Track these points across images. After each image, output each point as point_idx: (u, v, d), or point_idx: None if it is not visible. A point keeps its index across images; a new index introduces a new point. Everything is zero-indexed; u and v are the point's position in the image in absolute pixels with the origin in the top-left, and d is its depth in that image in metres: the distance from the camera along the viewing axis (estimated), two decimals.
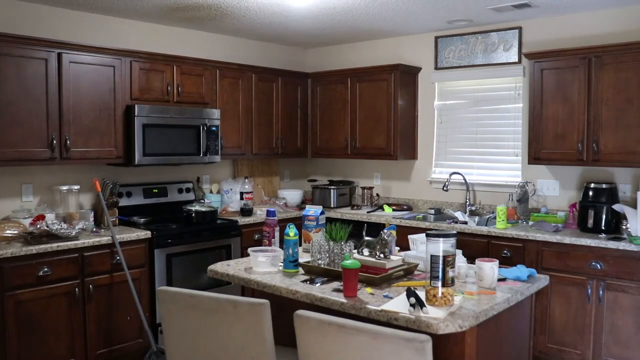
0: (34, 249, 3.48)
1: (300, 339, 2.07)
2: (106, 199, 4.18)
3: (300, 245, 3.14)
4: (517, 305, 2.47)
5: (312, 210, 3.28)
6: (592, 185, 4.09)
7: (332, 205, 5.37)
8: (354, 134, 5.30)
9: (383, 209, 5.14)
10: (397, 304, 2.23)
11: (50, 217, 3.82)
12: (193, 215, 4.49)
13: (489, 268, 2.47)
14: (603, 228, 3.94)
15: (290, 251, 2.79)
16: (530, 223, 4.33)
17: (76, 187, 4.14)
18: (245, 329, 2.15)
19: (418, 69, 5.23)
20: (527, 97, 4.45)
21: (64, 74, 3.86)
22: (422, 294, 2.23)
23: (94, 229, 4.03)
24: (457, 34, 4.96)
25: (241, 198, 4.97)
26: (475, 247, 4.16)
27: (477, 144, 4.98)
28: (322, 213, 3.28)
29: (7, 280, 3.38)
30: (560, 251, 3.86)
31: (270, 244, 3.13)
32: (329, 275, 2.66)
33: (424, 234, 2.44)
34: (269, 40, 5.58)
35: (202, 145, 4.58)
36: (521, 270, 2.65)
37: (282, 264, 2.85)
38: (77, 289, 3.68)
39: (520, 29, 4.63)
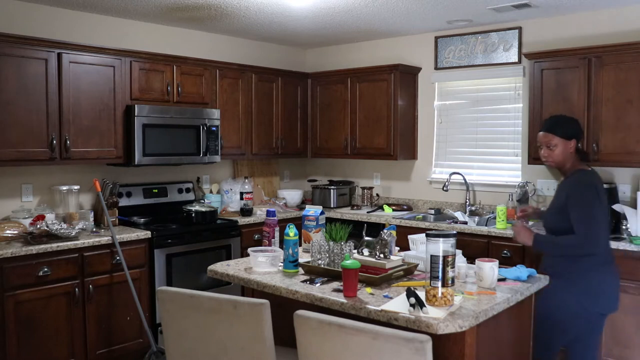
0: (34, 249, 3.48)
1: (300, 339, 2.07)
2: (106, 199, 4.18)
3: (300, 245, 3.14)
4: (517, 305, 2.47)
5: (312, 210, 3.28)
6: None
7: (332, 205, 5.37)
8: (354, 134, 5.30)
9: (383, 209, 5.14)
10: (397, 304, 2.23)
11: (50, 217, 3.82)
12: (193, 215, 4.49)
13: (489, 268, 2.47)
14: None
15: (290, 251, 2.79)
16: (530, 223, 4.32)
17: (76, 187, 4.14)
18: (245, 329, 2.15)
19: (418, 69, 5.23)
20: (527, 97, 4.45)
21: (64, 74, 3.86)
22: (422, 294, 2.23)
23: (94, 229, 4.03)
24: (457, 34, 4.97)
25: (241, 198, 4.97)
26: (475, 247, 4.16)
27: (477, 144, 4.98)
28: (322, 213, 3.28)
29: (7, 280, 3.38)
30: None
31: (270, 244, 3.13)
32: (329, 275, 2.66)
33: (424, 234, 2.44)
34: (269, 40, 5.58)
35: (202, 145, 4.58)
36: (521, 271, 2.65)
37: (282, 264, 2.85)
38: (77, 289, 3.68)
39: (520, 29, 4.63)
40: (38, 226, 3.62)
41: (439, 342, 2.17)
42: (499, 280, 2.58)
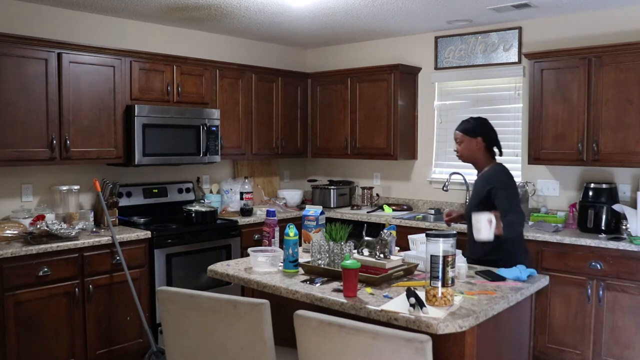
0: (34, 249, 3.48)
1: (300, 339, 2.07)
2: (106, 199, 4.18)
3: (300, 245, 3.14)
4: (517, 305, 2.47)
5: (312, 210, 3.28)
6: (592, 185, 4.09)
7: (332, 205, 5.37)
8: (354, 134, 5.30)
9: (383, 209, 5.14)
10: (397, 304, 2.23)
11: (50, 217, 3.82)
12: (193, 215, 4.49)
13: (486, 219, 2.48)
14: (603, 228, 3.94)
15: (290, 251, 2.79)
16: (530, 223, 4.33)
17: (76, 187, 4.14)
18: (245, 329, 2.15)
19: (418, 69, 5.23)
20: (527, 97, 4.45)
21: (64, 74, 3.86)
22: (422, 294, 2.23)
23: (94, 229, 4.03)
24: (457, 34, 4.97)
25: (241, 198, 4.97)
26: None
27: None
28: (322, 213, 3.28)
29: (7, 280, 3.38)
30: (560, 251, 3.86)
31: (270, 244, 3.13)
32: (329, 275, 2.66)
33: (424, 234, 2.44)
34: (269, 40, 5.58)
35: (202, 145, 4.58)
36: (521, 271, 2.65)
37: (282, 264, 2.85)
38: (77, 289, 3.68)
39: (520, 29, 4.63)
40: (38, 226, 3.62)
41: (439, 342, 2.17)
42: (499, 280, 2.59)
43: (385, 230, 2.74)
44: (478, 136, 3.12)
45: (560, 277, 3.86)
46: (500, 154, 3.23)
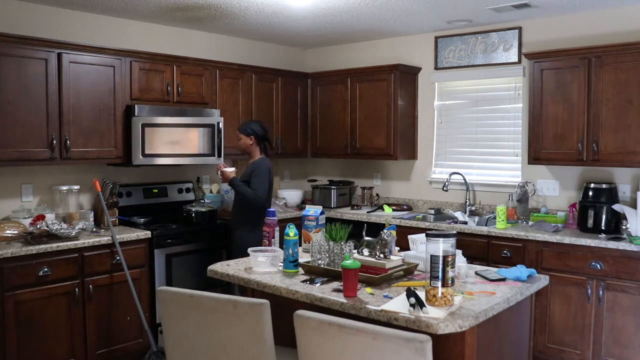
0: (34, 249, 3.48)
1: (300, 339, 2.07)
2: (106, 199, 4.18)
3: (300, 245, 3.14)
4: (517, 305, 2.48)
5: (312, 210, 3.28)
6: (592, 185, 4.09)
7: (332, 205, 5.37)
8: (354, 134, 5.30)
9: (383, 209, 5.14)
10: (397, 304, 2.23)
11: (50, 217, 3.82)
12: (193, 215, 4.49)
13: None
14: (603, 228, 3.94)
15: (290, 251, 2.79)
16: (530, 223, 4.33)
17: (76, 187, 4.14)
18: (245, 329, 2.15)
19: (418, 69, 5.23)
20: (527, 97, 4.45)
21: (64, 74, 3.86)
22: (422, 294, 2.24)
23: (94, 229, 4.03)
24: (457, 34, 4.97)
25: None
26: (475, 247, 4.16)
27: (477, 144, 4.98)
28: (322, 213, 3.28)
29: (7, 280, 3.38)
30: (560, 251, 3.86)
31: (270, 244, 3.13)
32: (329, 275, 2.66)
33: (423, 234, 2.44)
34: (269, 40, 5.58)
35: (202, 145, 4.57)
36: (521, 271, 2.65)
37: (282, 264, 2.85)
38: (77, 289, 3.68)
39: (520, 29, 4.63)
40: (38, 226, 3.62)
41: (439, 342, 2.17)
42: (499, 280, 2.59)
43: (385, 230, 2.74)
44: (251, 135, 4.16)
45: (560, 277, 3.86)
46: (272, 148, 4.55)
